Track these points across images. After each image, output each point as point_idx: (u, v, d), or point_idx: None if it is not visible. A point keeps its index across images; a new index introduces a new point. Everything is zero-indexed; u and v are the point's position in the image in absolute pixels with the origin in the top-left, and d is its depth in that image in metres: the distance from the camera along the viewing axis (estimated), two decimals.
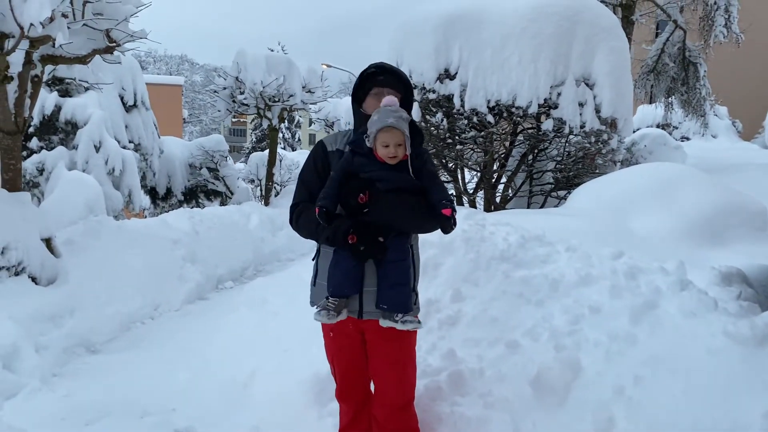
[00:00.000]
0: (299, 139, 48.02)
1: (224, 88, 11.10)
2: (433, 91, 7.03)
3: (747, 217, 5.27)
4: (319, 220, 2.34)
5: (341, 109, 17.80)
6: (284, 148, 36.49)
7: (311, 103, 11.92)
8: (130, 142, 11.07)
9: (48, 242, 5.44)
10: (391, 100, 2.44)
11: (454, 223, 2.35)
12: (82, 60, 5.60)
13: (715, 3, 13.21)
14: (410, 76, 7.17)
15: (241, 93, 10.70)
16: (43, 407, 3.85)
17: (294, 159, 18.10)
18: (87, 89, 9.54)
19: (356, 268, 2.41)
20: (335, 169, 2.46)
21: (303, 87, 11.32)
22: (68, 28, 4.96)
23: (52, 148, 9.41)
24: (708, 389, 2.34)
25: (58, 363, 4.66)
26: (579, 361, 2.75)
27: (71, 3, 4.97)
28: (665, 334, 2.68)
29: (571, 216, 5.19)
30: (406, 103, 2.59)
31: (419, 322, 2.44)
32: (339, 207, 2.40)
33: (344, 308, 2.46)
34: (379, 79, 2.58)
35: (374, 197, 2.35)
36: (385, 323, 2.42)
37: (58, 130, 9.77)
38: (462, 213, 4.75)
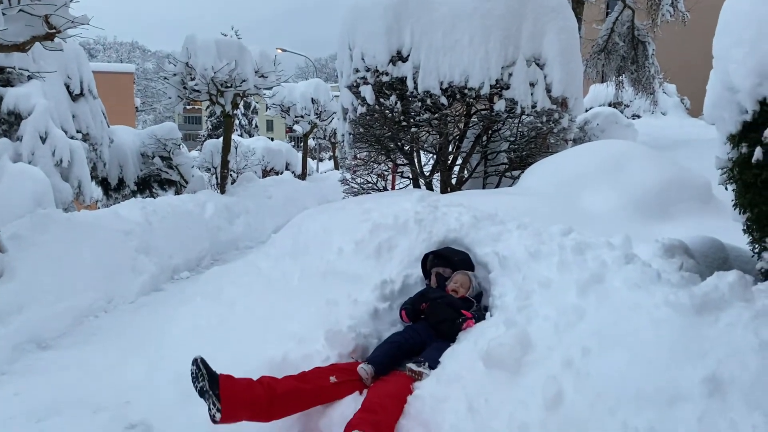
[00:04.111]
0: (256, 126, 47.41)
1: (174, 75, 10.84)
2: (386, 74, 7.01)
3: (692, 191, 5.42)
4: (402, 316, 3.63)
5: (296, 94, 17.54)
6: (241, 135, 35.99)
7: (265, 88, 11.74)
8: (78, 132, 10.72)
9: None
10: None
11: (461, 322, 3.35)
12: (21, 47, 5.38)
13: None
14: (362, 59, 7.13)
15: (192, 79, 10.45)
16: None
17: (250, 145, 17.86)
18: (30, 78, 9.21)
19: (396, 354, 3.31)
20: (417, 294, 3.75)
21: (256, 72, 11.13)
22: (3, 14, 4.76)
23: None
24: (651, 358, 2.40)
25: (7, 361, 4.55)
26: (529, 336, 2.80)
27: None
28: (611, 307, 2.74)
29: (523, 195, 5.26)
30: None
31: (420, 373, 3.09)
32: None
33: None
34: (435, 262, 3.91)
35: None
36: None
37: (0, 121, 9.41)
38: (415, 195, 4.78)
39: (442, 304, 3.45)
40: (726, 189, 2.99)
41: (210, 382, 2.71)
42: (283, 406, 2.92)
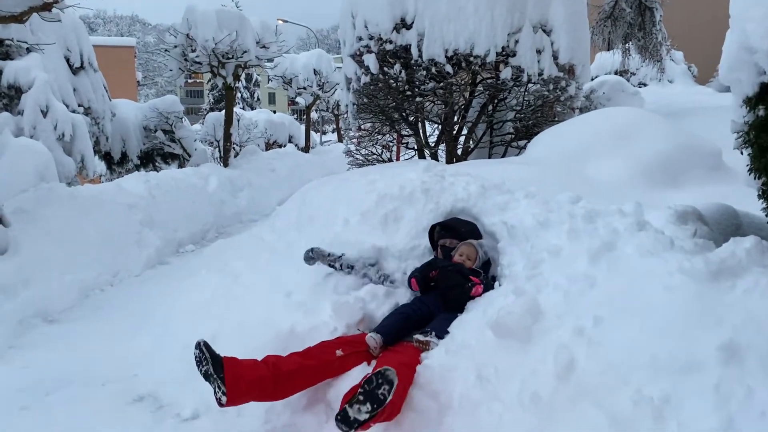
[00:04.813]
0: (258, 99, 47.13)
1: (175, 47, 10.71)
2: (390, 42, 6.90)
3: (701, 158, 5.35)
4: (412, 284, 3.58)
5: (298, 65, 17.33)
6: (243, 108, 35.74)
7: (266, 59, 11.60)
8: (79, 105, 10.61)
9: None
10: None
11: (470, 287, 3.34)
12: (18, 18, 5.29)
13: None
14: (366, 27, 7.00)
15: (193, 51, 10.33)
16: None
17: (252, 118, 17.70)
18: (28, 50, 9.09)
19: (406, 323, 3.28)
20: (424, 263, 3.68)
21: (257, 42, 10.99)
22: None
23: None
24: (665, 325, 2.36)
25: (14, 335, 4.54)
26: (539, 304, 2.76)
27: None
28: (623, 274, 2.69)
29: (530, 164, 5.19)
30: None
31: (428, 342, 3.07)
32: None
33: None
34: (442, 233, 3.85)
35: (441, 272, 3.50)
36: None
37: (0, 95, 9.31)
38: (421, 165, 4.72)
39: (452, 271, 3.42)
40: (741, 154, 2.92)
41: (214, 366, 2.68)
42: (290, 385, 2.89)
